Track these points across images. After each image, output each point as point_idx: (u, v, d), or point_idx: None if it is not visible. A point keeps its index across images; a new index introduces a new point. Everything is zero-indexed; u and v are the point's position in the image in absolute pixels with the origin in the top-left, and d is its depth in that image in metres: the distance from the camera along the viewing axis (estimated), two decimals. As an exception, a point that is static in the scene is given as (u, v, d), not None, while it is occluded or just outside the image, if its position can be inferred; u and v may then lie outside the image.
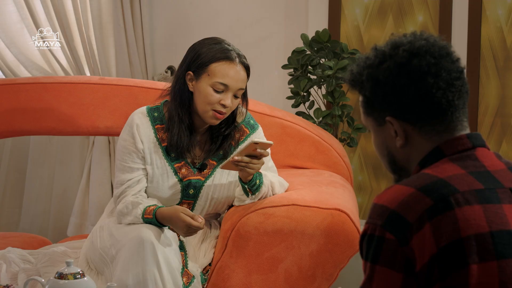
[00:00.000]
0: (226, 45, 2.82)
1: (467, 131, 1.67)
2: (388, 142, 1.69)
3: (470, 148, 1.64)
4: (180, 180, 2.85)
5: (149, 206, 2.75)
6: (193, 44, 2.87)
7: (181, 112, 2.82)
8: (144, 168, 2.84)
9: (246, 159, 2.68)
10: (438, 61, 1.64)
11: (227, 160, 2.72)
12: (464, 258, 1.51)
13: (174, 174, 2.85)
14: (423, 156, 1.66)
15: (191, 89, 2.81)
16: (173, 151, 2.83)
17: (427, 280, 1.51)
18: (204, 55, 2.80)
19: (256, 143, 2.65)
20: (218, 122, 2.81)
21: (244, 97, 2.87)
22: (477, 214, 1.53)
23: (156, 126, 2.85)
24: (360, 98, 1.72)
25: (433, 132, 1.65)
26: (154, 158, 2.84)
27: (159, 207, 2.74)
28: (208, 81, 2.78)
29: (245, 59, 2.83)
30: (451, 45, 1.68)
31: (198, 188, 2.87)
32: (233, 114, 2.88)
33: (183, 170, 2.85)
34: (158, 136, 2.85)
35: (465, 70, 1.68)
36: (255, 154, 2.68)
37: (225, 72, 2.77)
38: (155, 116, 2.86)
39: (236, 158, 2.67)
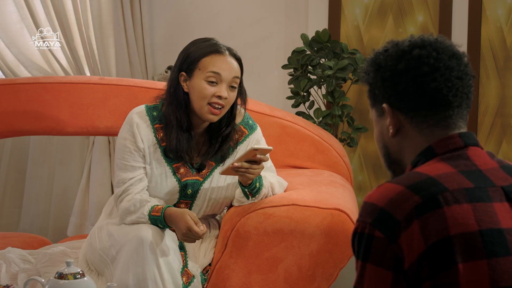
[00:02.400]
0: (214, 41, 2.83)
1: (462, 131, 1.67)
2: (384, 132, 1.71)
3: (462, 147, 1.64)
4: (179, 181, 2.85)
5: (157, 205, 2.75)
6: (183, 48, 2.88)
7: (178, 115, 2.81)
8: (145, 167, 2.84)
9: (246, 165, 2.67)
10: (440, 56, 1.65)
11: (227, 166, 2.71)
12: (452, 257, 1.51)
13: (173, 174, 2.84)
14: (415, 152, 1.67)
15: (186, 90, 2.81)
16: (171, 154, 2.83)
17: (416, 277, 1.52)
18: (193, 53, 2.81)
19: (255, 149, 2.65)
20: (216, 118, 2.80)
21: (241, 95, 2.87)
22: (466, 213, 1.53)
23: (155, 126, 2.85)
24: (367, 89, 1.74)
25: (424, 125, 1.65)
26: (154, 158, 2.84)
27: (168, 206, 2.75)
28: (200, 75, 2.78)
29: (236, 52, 2.84)
30: (466, 54, 1.70)
31: (196, 188, 2.87)
32: (233, 113, 2.87)
33: (182, 170, 2.85)
34: (157, 136, 2.84)
35: (472, 78, 1.69)
36: (254, 159, 2.68)
37: (215, 63, 2.78)
38: (154, 116, 2.85)
39: (235, 164, 2.67)
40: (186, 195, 2.87)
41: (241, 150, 2.88)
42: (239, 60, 2.83)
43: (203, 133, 2.89)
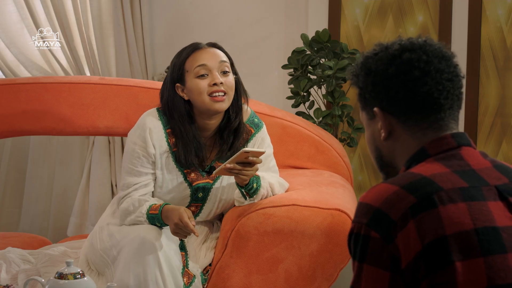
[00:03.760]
0: (193, 42, 2.86)
1: (454, 131, 1.67)
2: (376, 135, 1.71)
3: (455, 147, 1.65)
4: (190, 185, 2.84)
5: (155, 204, 2.75)
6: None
7: (182, 127, 2.80)
8: (153, 172, 2.83)
9: (238, 166, 2.67)
10: (430, 59, 1.65)
11: (220, 167, 2.70)
12: (449, 256, 1.51)
13: (184, 179, 2.84)
14: (408, 154, 1.67)
15: (187, 98, 2.81)
16: (182, 165, 2.82)
17: (413, 277, 1.52)
18: (177, 61, 2.84)
19: (247, 152, 2.64)
20: (224, 105, 2.79)
21: (240, 85, 2.87)
22: (461, 212, 1.54)
23: (167, 131, 2.83)
24: (357, 92, 1.74)
25: (416, 128, 1.66)
26: (165, 163, 2.82)
27: (166, 203, 2.74)
28: (190, 76, 2.80)
29: (217, 43, 2.87)
30: (454, 55, 1.69)
31: (207, 191, 2.86)
32: (238, 103, 2.86)
33: (193, 175, 2.85)
34: (169, 141, 2.83)
35: (463, 79, 1.69)
36: (247, 161, 2.68)
37: (197, 58, 2.81)
38: (166, 120, 2.84)
39: (228, 165, 2.66)
40: (197, 199, 2.87)
41: (249, 148, 2.88)
42: (221, 49, 2.86)
43: (212, 136, 2.88)
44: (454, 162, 1.62)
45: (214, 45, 2.86)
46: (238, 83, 2.86)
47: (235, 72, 2.86)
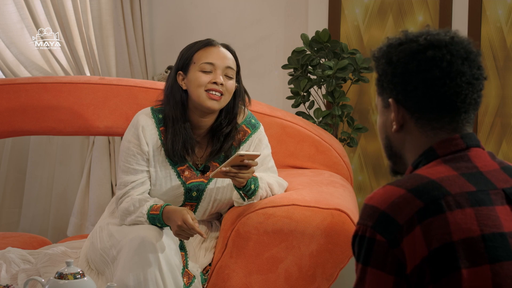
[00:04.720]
0: (208, 38, 2.88)
1: (465, 132, 1.66)
2: (387, 125, 1.70)
3: (464, 149, 1.63)
4: (183, 183, 2.85)
5: (156, 204, 2.75)
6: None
7: (174, 114, 2.81)
8: (148, 170, 2.84)
9: (234, 169, 2.67)
10: (454, 59, 1.62)
11: (216, 170, 2.71)
12: (455, 262, 1.50)
13: (177, 177, 2.84)
14: (417, 151, 1.65)
15: (184, 87, 2.83)
16: (170, 157, 2.83)
17: (418, 282, 1.51)
18: (187, 51, 2.86)
19: (241, 155, 2.64)
20: (217, 104, 2.80)
21: (241, 92, 2.88)
22: (469, 218, 1.52)
23: (161, 129, 2.85)
24: (376, 76, 1.73)
25: (428, 127, 1.64)
26: (158, 161, 2.83)
27: (167, 204, 2.75)
28: (195, 68, 2.82)
29: (230, 46, 2.88)
30: (480, 54, 1.66)
31: (201, 190, 2.86)
32: (234, 112, 2.88)
33: (186, 173, 2.85)
34: (162, 138, 2.84)
35: (484, 80, 1.66)
36: (243, 164, 2.68)
37: (208, 54, 2.82)
38: (159, 118, 2.85)
39: (223, 169, 2.66)
40: (191, 197, 2.87)
41: (244, 149, 2.89)
42: (233, 53, 2.87)
43: (205, 135, 2.88)
44: (461, 164, 1.60)
45: (227, 47, 2.87)
46: (238, 91, 2.86)
47: (238, 81, 2.87)
